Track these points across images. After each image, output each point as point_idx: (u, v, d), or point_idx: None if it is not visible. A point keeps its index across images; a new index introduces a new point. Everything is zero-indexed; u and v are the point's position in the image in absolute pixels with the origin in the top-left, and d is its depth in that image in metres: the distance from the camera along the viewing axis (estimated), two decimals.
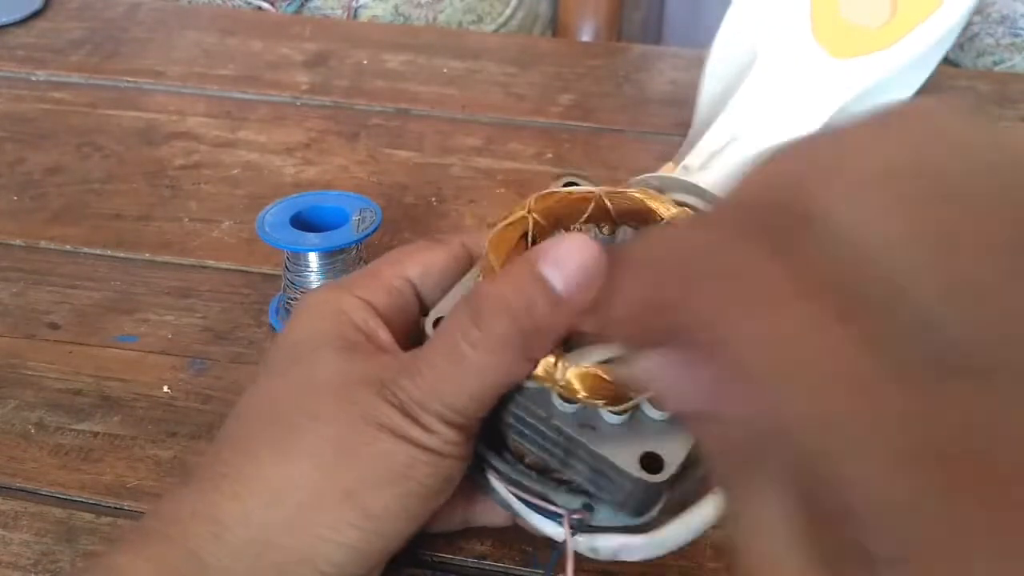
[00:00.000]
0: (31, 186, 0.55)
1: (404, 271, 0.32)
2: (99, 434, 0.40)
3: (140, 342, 0.44)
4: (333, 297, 0.31)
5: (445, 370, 0.27)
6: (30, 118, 0.62)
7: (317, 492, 0.27)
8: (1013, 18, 0.79)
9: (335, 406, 0.28)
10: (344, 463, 0.27)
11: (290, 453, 0.27)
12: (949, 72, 0.76)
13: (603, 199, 0.30)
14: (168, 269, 0.49)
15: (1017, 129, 0.24)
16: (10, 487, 0.38)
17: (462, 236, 0.33)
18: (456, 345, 0.27)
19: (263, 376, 0.31)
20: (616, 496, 0.27)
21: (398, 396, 0.27)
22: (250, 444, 0.28)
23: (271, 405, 0.29)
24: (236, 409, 0.30)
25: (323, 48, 0.70)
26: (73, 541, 0.35)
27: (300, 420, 0.28)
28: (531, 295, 0.26)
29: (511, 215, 0.29)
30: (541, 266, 0.26)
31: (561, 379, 0.27)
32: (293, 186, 0.55)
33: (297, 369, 0.30)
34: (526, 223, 0.29)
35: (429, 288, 0.33)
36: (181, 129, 0.61)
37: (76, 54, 0.69)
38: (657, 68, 0.69)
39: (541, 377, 0.27)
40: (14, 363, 0.43)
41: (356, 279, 0.32)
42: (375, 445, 0.27)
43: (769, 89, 0.51)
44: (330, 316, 0.31)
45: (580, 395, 0.26)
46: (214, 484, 0.27)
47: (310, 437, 0.28)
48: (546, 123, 0.62)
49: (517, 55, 0.70)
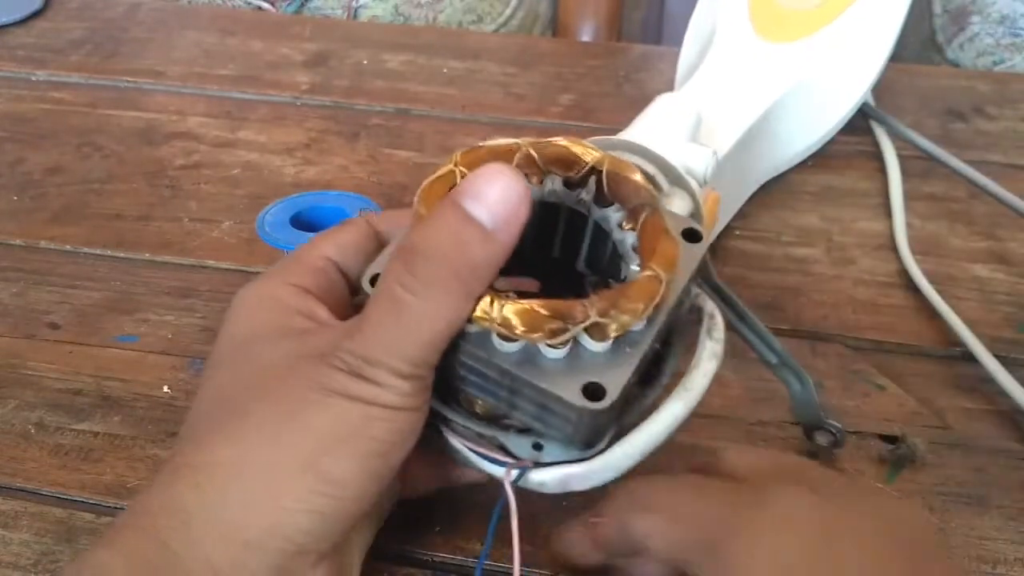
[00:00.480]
0: (31, 186, 0.55)
1: (323, 251, 0.33)
2: (99, 434, 0.40)
3: (140, 342, 0.44)
4: (266, 288, 0.32)
5: (389, 322, 0.27)
6: (30, 118, 0.62)
7: (273, 467, 0.27)
8: (1013, 18, 0.79)
9: (281, 383, 0.28)
10: (297, 434, 0.27)
11: (241, 435, 0.27)
12: (949, 72, 0.76)
13: (528, 149, 0.30)
14: (168, 269, 0.49)
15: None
16: (10, 487, 0.38)
17: (365, 216, 0.35)
18: (395, 295, 0.27)
19: (209, 371, 0.31)
20: (564, 430, 0.28)
21: (344, 360, 0.27)
22: (204, 434, 0.28)
23: (219, 395, 0.30)
24: (191, 408, 0.31)
25: (323, 48, 0.70)
26: (73, 541, 0.35)
27: (248, 403, 0.28)
28: (459, 232, 0.27)
29: (439, 170, 0.29)
30: (464, 202, 0.27)
31: (498, 317, 0.26)
32: (293, 186, 0.55)
33: (242, 358, 0.30)
34: (454, 177, 0.29)
35: (350, 263, 0.34)
36: (181, 129, 0.61)
37: (76, 54, 0.69)
38: (657, 68, 0.69)
39: (480, 318, 0.27)
40: (14, 363, 0.43)
41: (280, 268, 0.33)
42: (327, 411, 0.27)
43: (717, 77, 0.51)
44: (267, 306, 0.31)
45: (519, 331, 0.26)
46: (176, 475, 0.27)
47: (258, 416, 0.28)
48: (546, 123, 0.62)
49: (517, 55, 0.70)
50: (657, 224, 0.29)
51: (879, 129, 0.60)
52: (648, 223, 0.29)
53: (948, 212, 0.55)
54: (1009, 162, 0.59)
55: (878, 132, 0.60)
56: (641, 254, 0.29)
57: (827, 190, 0.56)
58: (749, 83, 0.51)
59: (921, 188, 0.56)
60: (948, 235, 0.53)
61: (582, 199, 0.31)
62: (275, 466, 0.27)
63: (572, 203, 0.31)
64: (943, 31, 0.83)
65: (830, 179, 0.57)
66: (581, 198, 0.31)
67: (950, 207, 0.55)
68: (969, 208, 0.55)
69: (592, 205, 0.31)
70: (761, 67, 0.52)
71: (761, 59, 0.52)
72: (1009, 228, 0.53)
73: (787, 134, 0.54)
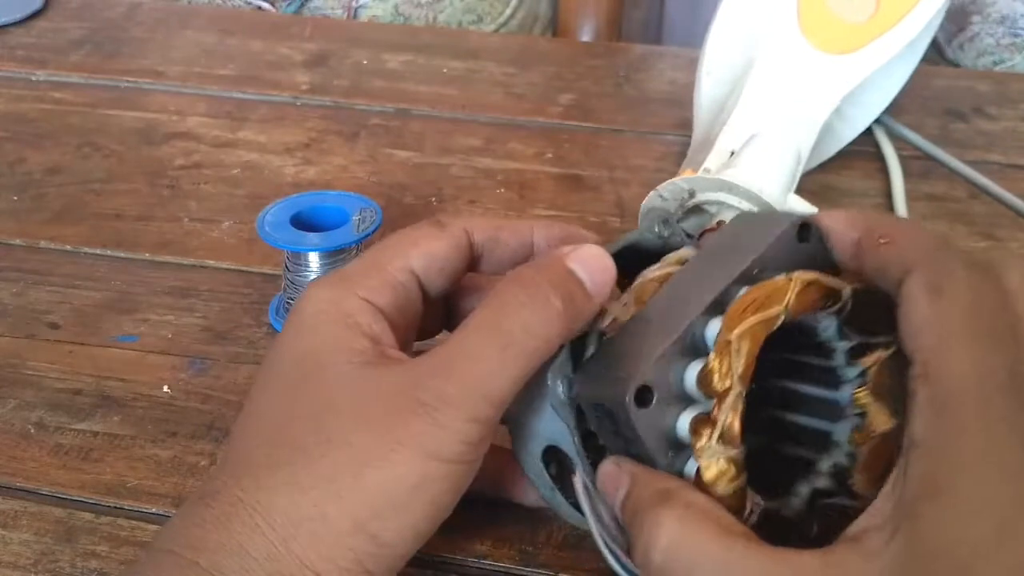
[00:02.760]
0: (31, 186, 0.55)
1: (408, 262, 0.31)
2: (99, 434, 0.40)
3: (140, 342, 0.44)
4: (336, 299, 0.30)
5: (490, 355, 0.27)
6: (30, 118, 0.62)
7: (328, 522, 0.27)
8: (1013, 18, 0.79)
9: (351, 426, 0.27)
10: (357, 493, 0.27)
11: (303, 485, 0.27)
12: (949, 72, 0.76)
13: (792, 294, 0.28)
14: (168, 269, 0.49)
15: None
16: (10, 487, 0.38)
17: (464, 221, 0.33)
18: (503, 327, 0.27)
19: (269, 387, 0.29)
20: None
21: (423, 400, 0.27)
22: (263, 469, 0.28)
23: (282, 425, 0.28)
24: (243, 421, 0.29)
25: (323, 48, 0.70)
26: (73, 541, 0.35)
27: (312, 445, 0.27)
28: (570, 285, 0.28)
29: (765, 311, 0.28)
30: (572, 263, 0.29)
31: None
32: (293, 186, 0.55)
33: (307, 387, 0.29)
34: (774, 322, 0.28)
35: (432, 278, 0.32)
36: (181, 129, 0.61)
37: (76, 54, 0.69)
38: (657, 68, 0.69)
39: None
40: (14, 363, 0.43)
41: (358, 274, 0.31)
42: (389, 470, 0.27)
43: (771, 88, 0.51)
44: (336, 323, 0.29)
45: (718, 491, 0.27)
46: (233, 511, 0.27)
47: (324, 464, 0.27)
48: (546, 123, 0.62)
49: (517, 55, 0.70)
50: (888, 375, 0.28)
51: (879, 129, 0.60)
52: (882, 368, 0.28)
53: (948, 212, 0.55)
54: (1009, 162, 0.59)
55: (877, 132, 0.60)
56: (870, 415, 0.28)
57: (827, 190, 0.56)
58: (807, 95, 0.50)
59: (921, 188, 0.56)
60: (948, 235, 0.53)
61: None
62: (330, 522, 0.27)
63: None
64: (943, 31, 0.83)
65: (830, 179, 0.57)
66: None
67: (950, 207, 0.55)
68: (969, 208, 0.55)
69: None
70: (818, 78, 0.51)
71: (817, 70, 0.51)
72: (1009, 228, 0.53)
73: (823, 141, 0.53)
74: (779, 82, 0.51)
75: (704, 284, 0.28)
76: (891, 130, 0.60)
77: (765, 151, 0.46)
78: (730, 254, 0.29)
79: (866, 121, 0.58)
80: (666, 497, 0.26)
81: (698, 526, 0.25)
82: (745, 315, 0.27)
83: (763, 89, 0.50)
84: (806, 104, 0.50)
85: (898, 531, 0.23)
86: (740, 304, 0.27)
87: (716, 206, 0.44)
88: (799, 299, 0.27)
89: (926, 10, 0.52)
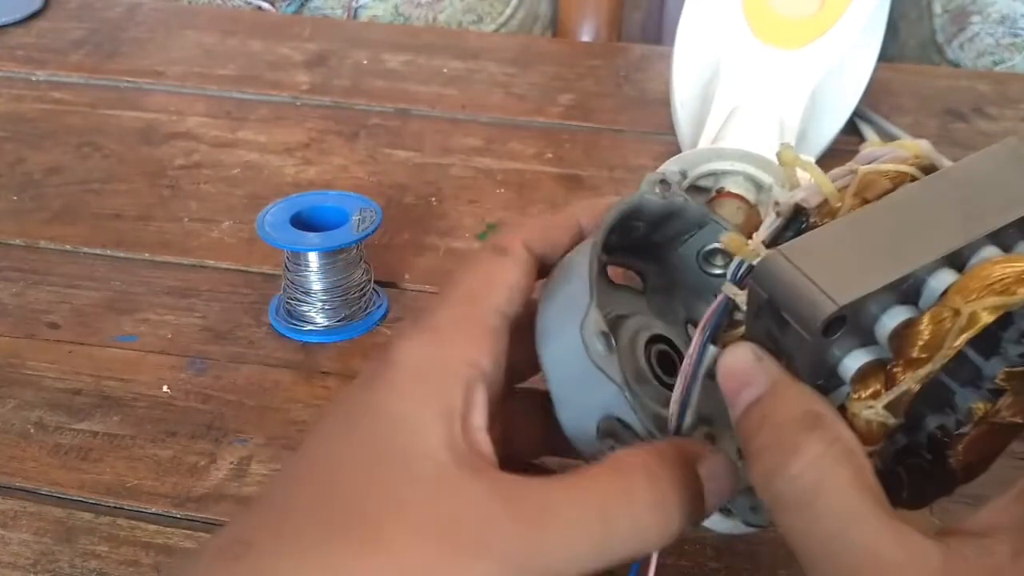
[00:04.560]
0: (31, 186, 0.55)
1: (497, 302, 0.27)
2: (98, 434, 0.40)
3: (140, 342, 0.44)
4: (442, 354, 0.25)
5: (582, 540, 0.23)
6: (30, 118, 0.62)
7: None
8: (1013, 18, 0.79)
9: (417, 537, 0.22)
10: None
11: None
12: (949, 72, 0.76)
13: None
14: (168, 269, 0.49)
15: None
16: (9, 486, 0.38)
17: (517, 236, 0.28)
18: (607, 520, 0.23)
19: (334, 427, 0.25)
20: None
21: (500, 562, 0.22)
22: (307, 551, 0.22)
23: (337, 491, 0.23)
24: (301, 472, 0.24)
25: (323, 48, 0.70)
26: (72, 541, 0.35)
27: (352, 560, 0.22)
28: (693, 497, 0.25)
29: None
30: (702, 470, 0.25)
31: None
32: (293, 186, 0.55)
33: (377, 455, 0.23)
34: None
35: (514, 313, 0.27)
36: (181, 129, 0.61)
37: (76, 54, 0.69)
38: (657, 68, 0.69)
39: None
40: (14, 363, 0.43)
41: (457, 322, 0.26)
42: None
43: (737, 91, 0.51)
44: (436, 380, 0.24)
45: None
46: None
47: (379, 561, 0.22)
48: (546, 123, 0.62)
49: (517, 55, 0.70)
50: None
51: (867, 129, 0.60)
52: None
53: None
54: None
55: (867, 132, 0.60)
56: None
57: None
58: (776, 90, 0.51)
59: None
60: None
61: None
62: None
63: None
64: (943, 31, 0.83)
65: None
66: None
67: None
68: None
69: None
70: (778, 73, 0.52)
71: (775, 65, 0.52)
72: None
73: (805, 140, 0.54)
74: (743, 83, 0.52)
75: (948, 222, 0.24)
76: (879, 129, 0.60)
77: (744, 120, 0.46)
78: (987, 194, 0.24)
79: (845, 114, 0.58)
80: (815, 423, 0.22)
81: (838, 469, 0.22)
82: (990, 291, 0.22)
83: (730, 93, 0.51)
84: (780, 100, 0.51)
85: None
86: (987, 273, 0.22)
87: (711, 178, 0.44)
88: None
89: (862, 8, 0.54)
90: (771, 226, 0.25)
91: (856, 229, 0.24)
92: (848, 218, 0.24)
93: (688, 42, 0.58)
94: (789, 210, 0.25)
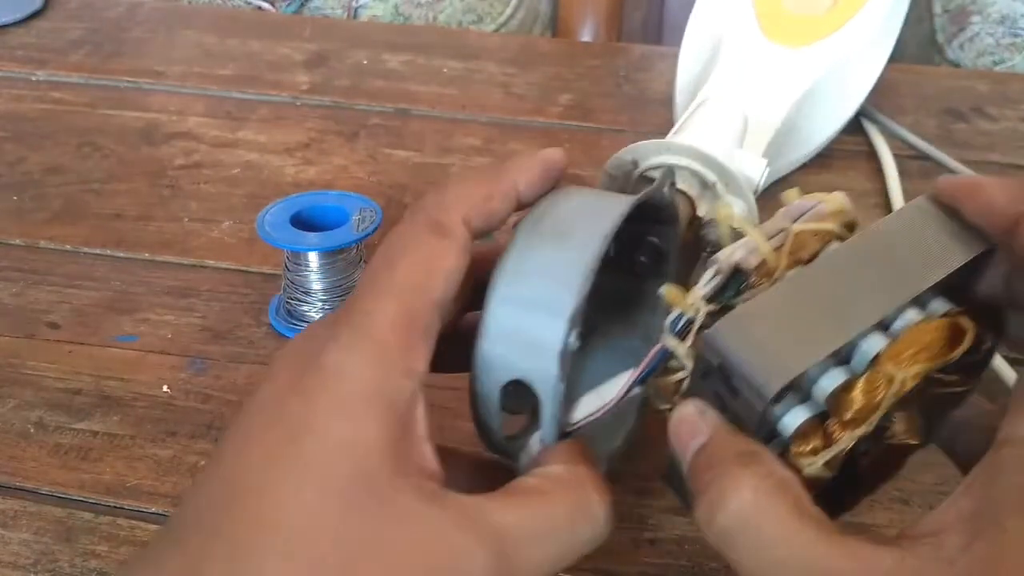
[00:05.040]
0: (31, 186, 0.55)
1: (433, 291, 0.26)
2: (98, 433, 0.40)
3: (140, 342, 0.44)
4: (382, 376, 0.24)
5: (537, 548, 0.24)
6: (30, 118, 0.62)
7: None
8: (1013, 18, 0.79)
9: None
10: None
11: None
12: (949, 72, 0.76)
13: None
14: (168, 269, 0.49)
15: None
16: (9, 486, 0.38)
17: (454, 208, 0.27)
18: (554, 531, 0.25)
19: (284, 472, 0.23)
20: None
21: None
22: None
23: (290, 526, 0.22)
24: (229, 485, 0.23)
25: (323, 48, 0.70)
26: (72, 540, 0.35)
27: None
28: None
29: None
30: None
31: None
32: (293, 186, 0.55)
33: (344, 508, 0.22)
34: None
35: (449, 305, 0.27)
36: (181, 129, 0.61)
37: (76, 54, 0.69)
38: (657, 68, 0.69)
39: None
40: (14, 363, 0.43)
41: (393, 320, 0.25)
42: None
43: (733, 82, 0.51)
44: (377, 414, 0.23)
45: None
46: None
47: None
48: (546, 123, 0.62)
49: (517, 55, 0.70)
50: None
51: (872, 128, 0.60)
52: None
53: None
54: (1009, 162, 0.59)
55: (871, 132, 0.60)
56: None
57: (828, 190, 0.56)
58: (768, 87, 0.51)
59: (920, 188, 0.56)
60: None
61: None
62: None
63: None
64: (943, 31, 0.83)
65: (830, 179, 0.57)
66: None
67: None
68: None
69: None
70: (777, 71, 0.52)
71: (776, 63, 0.52)
72: None
73: (798, 137, 0.54)
74: (729, 76, 0.52)
75: (876, 287, 0.25)
76: (885, 129, 0.60)
77: (708, 114, 0.46)
78: (907, 257, 0.26)
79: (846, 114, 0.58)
80: (748, 460, 0.24)
81: (774, 499, 0.23)
82: (918, 357, 0.24)
83: (712, 85, 0.51)
84: (768, 97, 0.51)
85: (979, 537, 0.21)
86: (914, 339, 0.24)
87: (657, 170, 0.43)
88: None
89: (877, 9, 0.54)
90: (710, 282, 0.27)
91: (796, 296, 0.25)
92: (786, 284, 0.26)
93: (696, 33, 0.58)
94: (729, 268, 0.26)
